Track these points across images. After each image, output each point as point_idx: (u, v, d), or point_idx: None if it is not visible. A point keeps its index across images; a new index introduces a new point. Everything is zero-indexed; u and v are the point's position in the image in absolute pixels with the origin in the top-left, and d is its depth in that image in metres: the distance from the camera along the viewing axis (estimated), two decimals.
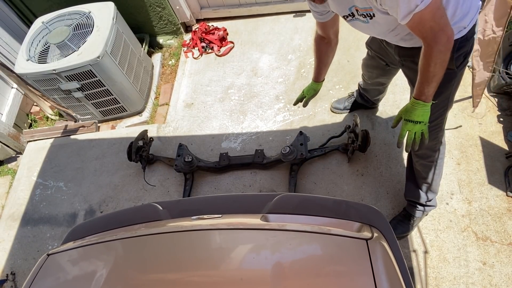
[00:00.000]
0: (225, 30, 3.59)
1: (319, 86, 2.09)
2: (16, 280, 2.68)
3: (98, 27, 2.91)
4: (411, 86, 1.79)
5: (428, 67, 1.37)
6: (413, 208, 2.17)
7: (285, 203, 1.63)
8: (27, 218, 2.96)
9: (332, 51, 1.93)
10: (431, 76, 1.39)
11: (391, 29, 1.50)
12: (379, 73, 2.22)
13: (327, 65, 2.01)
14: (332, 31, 1.80)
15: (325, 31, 1.80)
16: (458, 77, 1.59)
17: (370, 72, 2.29)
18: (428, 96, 1.46)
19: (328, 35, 1.82)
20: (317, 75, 2.04)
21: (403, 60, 1.75)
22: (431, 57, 1.34)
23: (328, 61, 1.98)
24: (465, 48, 1.49)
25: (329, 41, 1.86)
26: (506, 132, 2.47)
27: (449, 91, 1.63)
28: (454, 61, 1.49)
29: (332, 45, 1.88)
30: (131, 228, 1.63)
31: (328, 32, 1.80)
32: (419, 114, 1.49)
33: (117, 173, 2.99)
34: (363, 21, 1.50)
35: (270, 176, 2.68)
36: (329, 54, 1.94)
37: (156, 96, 3.46)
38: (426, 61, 1.37)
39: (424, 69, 1.40)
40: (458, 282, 2.07)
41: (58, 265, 1.48)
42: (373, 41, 2.03)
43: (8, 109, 3.47)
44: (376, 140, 2.63)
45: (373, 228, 1.44)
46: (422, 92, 1.46)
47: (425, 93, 1.45)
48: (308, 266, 1.24)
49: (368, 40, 2.12)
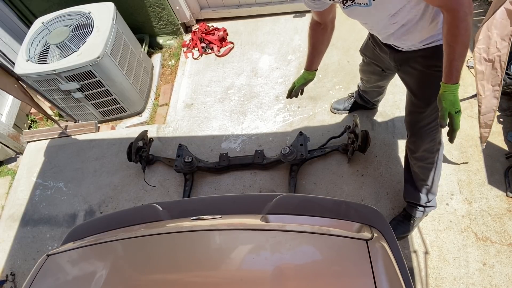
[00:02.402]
0: (225, 30, 3.59)
1: (310, 75, 1.97)
2: (16, 280, 2.68)
3: (98, 27, 2.91)
4: (408, 90, 1.78)
5: (457, 37, 1.26)
6: (413, 208, 2.17)
7: (285, 204, 1.63)
8: (27, 218, 2.96)
9: (328, 38, 1.85)
10: (462, 48, 1.29)
11: (392, 13, 1.42)
12: (377, 78, 2.22)
13: (321, 54, 1.92)
14: (329, 18, 1.74)
15: (322, 18, 1.73)
16: None
17: (368, 77, 2.29)
18: (460, 74, 1.35)
19: (324, 21, 1.75)
20: (309, 64, 1.94)
21: (399, 65, 1.74)
22: (458, 24, 1.24)
23: (322, 49, 1.89)
24: None
25: (325, 27, 1.79)
26: (506, 133, 2.47)
27: None
28: None
29: (328, 31, 1.80)
30: (131, 228, 1.63)
31: (325, 19, 1.73)
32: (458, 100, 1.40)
33: (117, 173, 2.99)
34: (363, 5, 1.39)
35: (270, 177, 2.68)
36: (324, 42, 1.86)
37: (156, 97, 3.46)
38: (453, 31, 1.26)
39: (453, 42, 1.29)
40: (458, 283, 2.06)
41: (58, 265, 1.48)
42: (367, 48, 2.02)
43: (8, 110, 3.47)
44: (376, 141, 2.63)
45: (373, 229, 1.44)
46: (456, 71, 1.34)
47: (459, 70, 1.34)
48: (308, 267, 1.24)
49: (362, 47, 2.10)
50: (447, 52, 1.33)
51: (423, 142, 1.83)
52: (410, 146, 1.95)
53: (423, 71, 1.62)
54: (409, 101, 1.80)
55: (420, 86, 1.69)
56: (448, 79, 1.36)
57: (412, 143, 1.91)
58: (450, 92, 1.37)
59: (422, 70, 1.62)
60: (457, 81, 1.35)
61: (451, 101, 1.38)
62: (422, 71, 1.62)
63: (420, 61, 1.61)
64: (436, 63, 1.50)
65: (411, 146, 1.93)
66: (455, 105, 1.38)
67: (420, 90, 1.69)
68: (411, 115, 1.82)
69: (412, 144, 1.91)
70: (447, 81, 1.36)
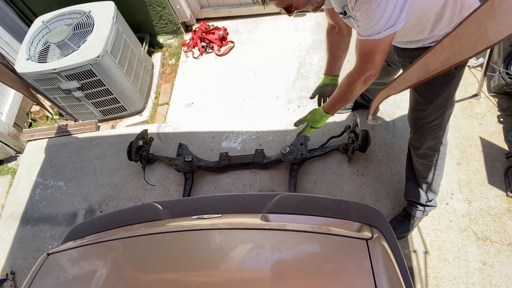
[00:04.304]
0: (225, 29, 3.59)
1: (327, 80, 1.97)
2: (16, 279, 2.68)
3: (98, 26, 2.91)
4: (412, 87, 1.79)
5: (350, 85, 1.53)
6: (413, 208, 2.17)
7: (285, 203, 1.63)
8: (27, 217, 2.96)
9: (344, 42, 1.83)
10: (344, 95, 1.60)
11: None
12: (381, 74, 2.21)
13: (338, 59, 1.91)
14: (342, 20, 1.71)
15: (334, 19, 1.72)
16: (457, 78, 1.60)
17: None
18: (336, 111, 1.71)
19: (338, 23, 1.74)
20: (328, 68, 1.94)
21: (403, 61, 1.75)
22: (357, 79, 1.49)
23: (339, 54, 1.88)
24: None
25: (340, 30, 1.77)
26: (506, 132, 2.47)
27: (448, 92, 1.64)
28: None
29: (343, 35, 1.79)
30: (131, 227, 1.63)
31: (338, 21, 1.71)
32: (322, 123, 1.79)
33: (117, 172, 2.99)
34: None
35: (270, 176, 2.68)
36: (340, 46, 1.84)
37: (156, 96, 3.46)
38: (351, 80, 1.51)
39: (344, 84, 1.56)
40: (458, 282, 2.07)
41: (58, 264, 1.48)
42: None
43: (8, 109, 3.47)
44: (376, 140, 2.63)
45: (373, 228, 1.44)
46: (333, 108, 1.69)
47: (335, 108, 1.69)
48: (308, 266, 1.24)
49: None
50: (339, 90, 1.61)
51: (426, 139, 1.84)
52: (413, 143, 1.96)
53: None
54: (412, 98, 1.81)
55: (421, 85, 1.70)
56: (325, 108, 1.72)
57: (415, 140, 1.92)
58: (321, 115, 1.75)
59: None
60: (329, 113, 1.72)
61: (315, 120, 1.79)
62: None
63: None
64: None
65: (414, 143, 1.94)
66: (315, 124, 1.80)
67: (422, 88, 1.70)
68: (414, 112, 1.83)
69: (415, 141, 1.92)
70: (324, 108, 1.72)
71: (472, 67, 2.78)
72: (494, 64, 2.57)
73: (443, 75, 1.41)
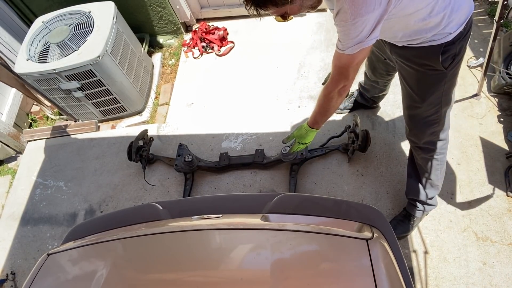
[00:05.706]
0: (225, 29, 3.59)
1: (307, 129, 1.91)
2: (16, 279, 2.68)
3: (98, 26, 2.91)
4: (402, 84, 1.79)
5: (327, 96, 1.57)
6: (413, 207, 2.17)
7: (285, 203, 1.63)
8: (27, 217, 2.96)
9: None
10: (326, 110, 1.64)
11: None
12: (380, 67, 2.21)
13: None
14: None
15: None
16: (449, 77, 1.60)
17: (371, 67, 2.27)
18: (320, 125, 1.75)
19: None
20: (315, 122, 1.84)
21: (395, 58, 1.75)
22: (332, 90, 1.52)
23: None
24: (451, 50, 1.50)
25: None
26: (506, 132, 2.47)
27: (441, 91, 1.65)
28: (441, 63, 1.52)
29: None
30: (131, 228, 1.63)
31: None
32: (310, 138, 1.83)
33: (117, 172, 2.99)
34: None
35: (270, 176, 2.68)
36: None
37: (156, 96, 3.46)
38: (327, 93, 1.55)
39: (322, 96, 1.60)
40: (458, 282, 2.07)
41: (58, 265, 1.48)
42: None
43: (8, 109, 3.47)
44: (377, 140, 2.63)
45: (373, 228, 1.44)
46: (316, 122, 1.73)
47: (318, 123, 1.73)
48: (308, 266, 1.24)
49: None
50: (316, 102, 1.66)
51: (424, 134, 1.86)
52: (411, 138, 1.97)
53: (417, 69, 1.64)
54: (406, 95, 1.81)
55: (414, 83, 1.72)
56: (310, 123, 1.76)
57: (413, 135, 1.93)
58: (307, 130, 1.79)
59: (416, 68, 1.64)
60: (314, 127, 1.76)
61: (302, 135, 1.82)
62: (416, 69, 1.64)
63: (413, 60, 1.63)
64: (428, 62, 1.56)
65: (412, 138, 1.96)
66: (302, 139, 1.84)
67: (416, 86, 1.72)
68: (409, 109, 1.85)
69: (413, 136, 1.94)
70: (308, 124, 1.77)
71: (472, 67, 2.78)
72: (494, 64, 2.57)
73: (434, 75, 1.44)
